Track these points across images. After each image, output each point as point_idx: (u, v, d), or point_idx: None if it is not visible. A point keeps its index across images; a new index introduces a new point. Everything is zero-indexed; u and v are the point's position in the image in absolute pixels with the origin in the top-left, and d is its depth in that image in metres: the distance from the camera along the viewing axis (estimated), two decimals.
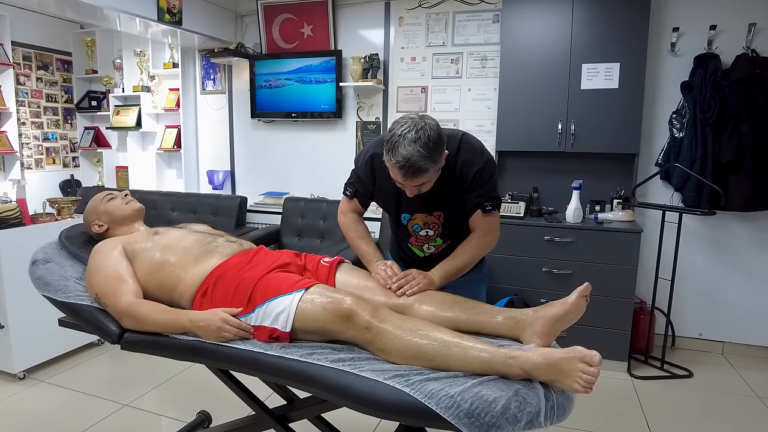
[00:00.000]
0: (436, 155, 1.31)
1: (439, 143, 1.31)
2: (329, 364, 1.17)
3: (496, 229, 1.54)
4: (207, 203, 3.92)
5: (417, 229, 1.60)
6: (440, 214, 1.55)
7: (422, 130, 1.28)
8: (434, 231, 1.59)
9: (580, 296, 1.23)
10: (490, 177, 1.48)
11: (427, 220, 1.57)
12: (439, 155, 1.33)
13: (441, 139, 1.32)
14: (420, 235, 1.62)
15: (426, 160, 1.29)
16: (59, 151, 4.70)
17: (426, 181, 1.36)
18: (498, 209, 1.52)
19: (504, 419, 1.01)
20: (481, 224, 1.51)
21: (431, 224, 1.57)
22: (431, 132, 1.29)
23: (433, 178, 1.38)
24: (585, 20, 2.91)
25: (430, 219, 1.56)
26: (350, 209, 1.69)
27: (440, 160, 1.34)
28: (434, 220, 1.56)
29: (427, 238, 1.61)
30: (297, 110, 3.85)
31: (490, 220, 1.51)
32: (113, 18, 3.29)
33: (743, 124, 2.76)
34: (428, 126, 1.30)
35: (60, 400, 2.49)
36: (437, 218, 1.55)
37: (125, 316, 1.39)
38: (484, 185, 1.47)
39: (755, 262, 3.06)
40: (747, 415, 2.46)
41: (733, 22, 2.91)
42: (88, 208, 1.73)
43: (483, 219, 1.50)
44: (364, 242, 1.64)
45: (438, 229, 1.58)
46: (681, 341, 3.25)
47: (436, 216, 1.55)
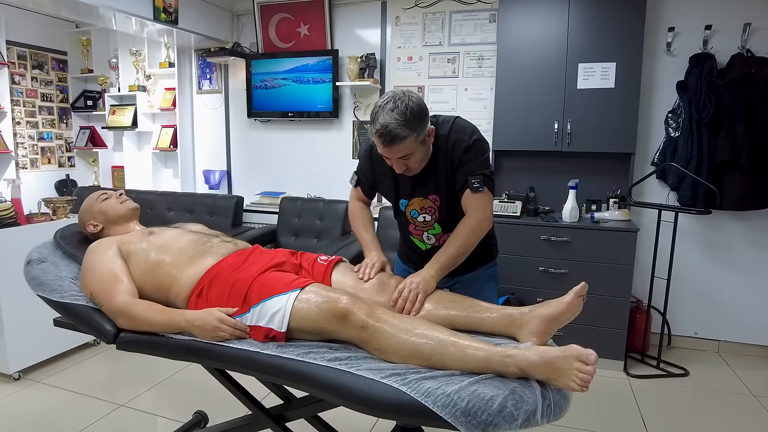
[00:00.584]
0: (414, 124, 1.34)
1: (419, 114, 1.34)
2: (326, 363, 1.17)
3: (486, 208, 1.47)
4: (203, 203, 3.91)
5: (415, 215, 1.60)
6: (435, 198, 1.53)
7: (400, 100, 1.33)
8: (431, 216, 1.57)
9: (577, 296, 1.23)
10: (479, 155, 1.46)
11: (423, 204, 1.56)
12: (418, 124, 1.35)
13: (422, 111, 1.36)
14: (418, 222, 1.61)
15: (402, 127, 1.32)
16: (54, 151, 4.68)
17: (408, 152, 1.39)
18: (489, 188, 1.47)
19: (501, 417, 1.01)
20: (470, 203, 1.47)
21: (428, 208, 1.56)
22: (410, 102, 1.34)
23: (416, 150, 1.40)
24: (581, 20, 2.92)
25: (425, 203, 1.56)
26: (356, 197, 1.75)
27: (420, 131, 1.36)
28: (430, 204, 1.55)
29: (425, 224, 1.60)
30: (294, 110, 3.85)
31: (479, 199, 1.46)
32: (109, 17, 3.28)
33: (738, 124, 2.77)
34: (408, 98, 1.35)
35: (55, 400, 2.47)
36: (433, 202, 1.54)
37: (121, 316, 1.39)
38: (472, 161, 1.45)
39: (750, 261, 3.08)
40: (742, 414, 2.47)
41: (729, 22, 2.92)
42: (82, 208, 1.73)
43: (471, 197, 1.46)
44: (364, 229, 1.68)
45: (435, 213, 1.56)
46: (677, 340, 3.26)
47: (432, 200, 1.54)
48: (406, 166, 1.45)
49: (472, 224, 1.47)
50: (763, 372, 2.91)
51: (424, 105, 1.39)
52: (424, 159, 1.48)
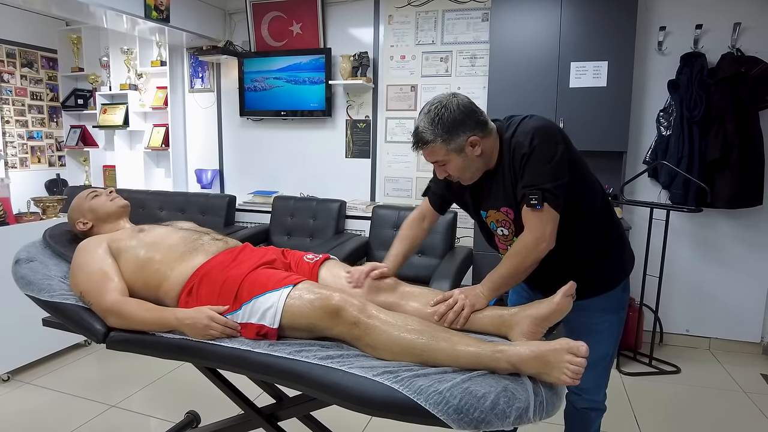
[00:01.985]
0: (440, 130, 1.27)
1: (451, 122, 1.27)
2: (317, 361, 1.16)
3: (544, 227, 1.28)
4: (195, 202, 3.89)
5: (494, 228, 1.46)
6: (507, 210, 1.39)
7: (439, 104, 1.29)
8: (508, 230, 1.42)
9: (565, 295, 1.22)
10: (540, 163, 1.27)
11: (498, 217, 1.42)
12: (445, 132, 1.27)
13: (456, 120, 1.28)
14: (499, 235, 1.47)
15: (428, 131, 1.28)
16: (44, 150, 4.63)
17: (439, 159, 1.32)
18: (551, 204, 1.26)
19: (493, 415, 1.01)
20: (527, 220, 1.30)
21: (503, 222, 1.42)
22: (447, 109, 1.28)
23: (449, 159, 1.32)
24: (573, 19, 2.93)
25: (499, 216, 1.42)
26: (420, 208, 1.61)
27: (448, 139, 1.28)
28: (503, 217, 1.41)
29: (505, 238, 1.45)
30: (286, 108, 3.83)
31: (536, 217, 1.27)
32: (99, 15, 3.25)
33: (728, 123, 2.79)
34: (449, 102, 1.29)
35: (45, 401, 2.45)
36: (506, 215, 1.40)
37: (111, 314, 1.38)
38: (530, 173, 1.28)
39: (740, 258, 3.10)
40: (733, 410, 2.49)
41: (719, 22, 2.94)
42: (72, 206, 1.71)
43: (529, 214, 1.29)
44: (396, 242, 1.56)
45: (510, 227, 1.40)
46: (669, 337, 3.28)
47: (504, 212, 1.40)
48: (446, 173, 1.37)
49: (527, 245, 1.30)
50: (753, 368, 2.94)
51: (467, 113, 1.29)
52: (470, 168, 1.35)
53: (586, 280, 1.34)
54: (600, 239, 1.42)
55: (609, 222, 1.44)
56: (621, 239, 1.49)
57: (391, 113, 3.67)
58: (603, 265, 1.44)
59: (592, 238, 1.41)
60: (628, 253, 1.53)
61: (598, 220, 1.41)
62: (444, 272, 2.69)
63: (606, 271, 1.45)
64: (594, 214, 1.40)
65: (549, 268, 1.36)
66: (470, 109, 1.31)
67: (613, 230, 1.46)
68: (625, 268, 1.49)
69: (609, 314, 1.48)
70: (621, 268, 1.49)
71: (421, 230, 1.58)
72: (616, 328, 1.51)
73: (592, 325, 1.46)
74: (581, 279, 1.28)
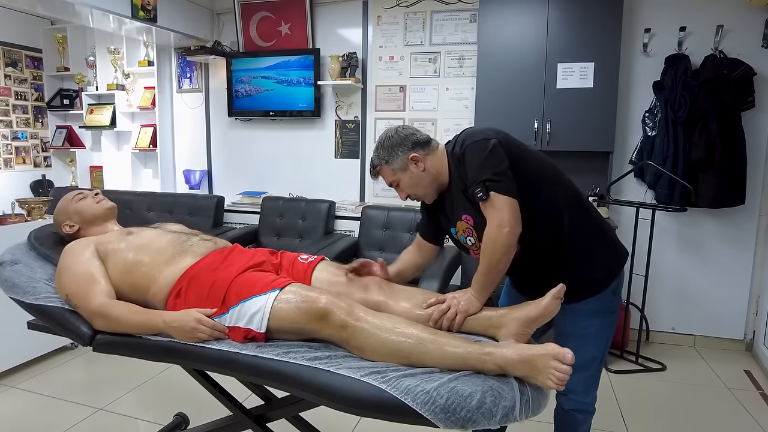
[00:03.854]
0: (383, 153, 1.45)
1: (389, 144, 1.44)
2: (305, 362, 1.16)
3: (498, 214, 1.28)
4: (183, 203, 3.87)
5: (463, 240, 1.48)
6: (467, 218, 1.41)
7: (382, 135, 1.48)
8: (473, 237, 1.43)
9: (554, 298, 1.23)
10: (474, 161, 1.33)
11: (462, 227, 1.45)
12: (387, 154, 1.44)
13: (394, 142, 1.44)
14: (469, 245, 1.47)
15: (374, 158, 1.47)
16: (30, 151, 4.58)
17: (392, 180, 1.47)
18: (498, 190, 1.28)
19: (479, 414, 1.02)
20: (485, 215, 1.31)
21: (466, 230, 1.44)
22: (385, 137, 1.46)
23: (399, 177, 1.45)
24: (560, 20, 2.95)
25: (462, 225, 1.44)
26: (414, 242, 1.65)
27: (390, 159, 1.44)
28: (466, 226, 1.43)
29: (476, 246, 1.45)
30: (275, 109, 3.83)
31: (488, 207, 1.29)
32: (85, 14, 3.21)
33: (712, 123, 2.84)
34: (389, 130, 1.48)
35: (31, 405, 2.42)
36: (467, 222, 1.42)
37: (98, 317, 1.37)
38: (470, 172, 1.33)
39: (723, 257, 3.15)
40: (717, 406, 2.53)
41: (702, 24, 2.99)
42: (57, 208, 1.69)
43: (484, 209, 1.31)
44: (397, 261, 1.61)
45: (473, 233, 1.42)
46: (655, 335, 3.32)
47: (465, 220, 1.42)
48: (403, 192, 1.48)
49: (490, 235, 1.30)
50: (736, 365, 2.98)
51: (405, 135, 1.44)
52: (421, 183, 1.44)
53: (575, 282, 1.32)
54: (574, 237, 1.38)
55: (584, 220, 1.42)
56: (605, 238, 1.45)
57: (380, 114, 3.68)
58: (588, 266, 1.41)
59: (561, 234, 1.37)
60: (619, 254, 1.49)
61: (563, 213, 1.38)
62: (433, 272, 2.70)
63: (593, 272, 1.42)
64: (556, 209, 1.37)
65: (529, 269, 1.37)
66: (409, 132, 1.46)
67: (592, 228, 1.43)
68: (612, 270, 1.45)
69: (598, 318, 1.45)
70: (608, 269, 1.45)
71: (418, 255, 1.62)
72: (605, 332, 1.49)
73: (581, 328, 1.44)
74: (567, 281, 1.27)
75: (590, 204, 1.49)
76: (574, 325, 1.43)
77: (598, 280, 1.43)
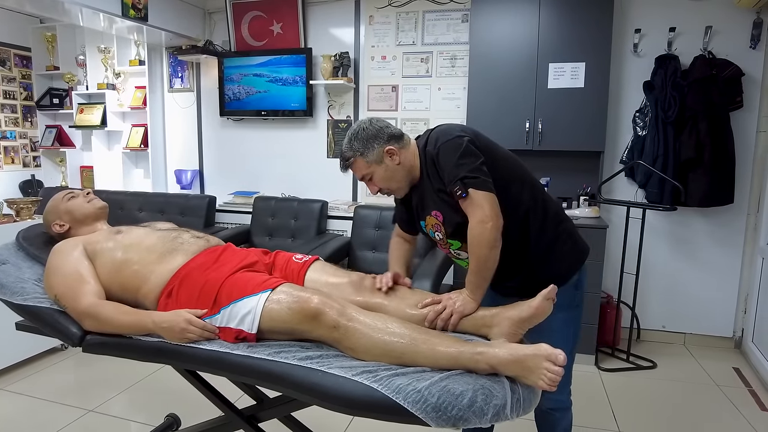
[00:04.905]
0: (357, 145, 1.41)
1: (364, 136, 1.41)
2: (297, 362, 1.16)
3: (479, 209, 1.30)
4: (175, 203, 3.85)
5: (432, 234, 1.50)
6: (437, 213, 1.43)
7: (356, 125, 1.44)
8: (441, 233, 1.46)
9: (545, 299, 1.23)
10: (449, 159, 1.34)
11: (431, 222, 1.47)
12: (362, 145, 1.41)
13: (369, 134, 1.41)
14: (437, 240, 1.50)
15: (347, 149, 1.43)
16: (18, 151, 4.53)
17: (365, 173, 1.44)
18: (475, 187, 1.30)
19: (471, 412, 1.02)
20: (465, 212, 1.33)
21: (435, 226, 1.46)
22: (359, 128, 1.42)
23: (372, 170, 1.43)
24: (551, 21, 2.97)
25: (431, 221, 1.46)
26: (395, 233, 1.68)
27: (365, 152, 1.41)
28: (435, 221, 1.45)
29: (443, 242, 1.49)
30: (267, 108, 3.81)
31: (468, 204, 1.31)
32: (75, 12, 3.18)
33: (701, 123, 2.86)
34: (365, 123, 1.43)
35: (20, 408, 2.40)
36: (436, 218, 1.44)
37: (87, 318, 1.35)
38: (446, 171, 1.35)
39: (713, 255, 3.18)
40: (707, 403, 2.56)
41: (691, 25, 3.02)
42: (47, 208, 1.67)
43: (463, 206, 1.33)
44: (393, 264, 1.59)
45: (441, 230, 1.44)
46: (645, 334, 3.35)
47: (434, 216, 1.44)
48: (375, 186, 1.47)
49: (473, 231, 1.32)
50: (725, 362, 3.02)
51: (380, 127, 1.42)
52: (395, 177, 1.44)
53: (537, 277, 1.37)
54: (540, 234, 1.43)
55: (549, 217, 1.45)
56: (565, 232, 1.48)
57: (372, 113, 3.67)
58: (551, 262, 1.45)
59: (528, 231, 1.42)
60: (580, 250, 1.52)
61: (530, 212, 1.42)
62: (425, 271, 2.70)
63: (555, 267, 1.45)
64: (524, 207, 1.41)
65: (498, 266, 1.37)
66: (383, 124, 1.44)
67: (552, 222, 1.46)
68: (572, 266, 1.49)
69: (561, 311, 1.42)
70: (569, 264, 1.48)
71: (408, 246, 1.65)
72: (571, 326, 1.52)
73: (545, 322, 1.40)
74: (531, 276, 1.34)
75: (554, 200, 1.53)
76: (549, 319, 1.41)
77: (560, 275, 1.45)
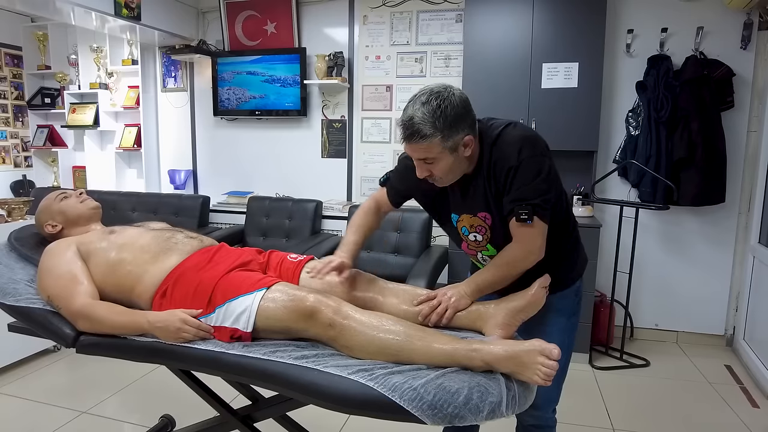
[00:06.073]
0: (442, 125, 1.17)
1: (453, 117, 1.18)
2: (292, 361, 1.16)
3: (533, 241, 1.26)
4: (169, 203, 3.83)
5: (465, 233, 1.41)
6: (486, 216, 1.34)
7: (437, 95, 1.18)
8: (482, 236, 1.37)
9: (540, 287, 1.26)
10: (528, 178, 1.22)
11: (473, 222, 1.37)
12: (447, 128, 1.18)
13: (459, 115, 1.19)
14: (470, 241, 1.42)
15: (427, 124, 1.16)
16: (9, 151, 4.49)
17: (430, 156, 1.22)
18: (541, 217, 1.24)
19: (466, 410, 1.02)
20: (516, 233, 1.27)
21: (478, 227, 1.37)
22: (447, 102, 1.18)
23: (441, 157, 1.22)
24: (545, 21, 2.98)
25: (475, 221, 1.36)
26: (374, 197, 1.53)
27: (449, 135, 1.19)
28: (480, 223, 1.36)
29: (477, 244, 1.41)
30: (261, 108, 3.80)
31: (525, 232, 1.25)
32: (66, 11, 3.16)
33: (693, 123, 2.89)
34: (448, 94, 1.19)
35: (12, 410, 2.38)
36: (483, 220, 1.35)
37: (81, 318, 1.35)
38: (519, 188, 1.23)
39: (704, 254, 3.21)
40: (699, 400, 2.58)
41: (683, 26, 3.04)
42: (40, 208, 1.66)
43: (518, 228, 1.26)
44: (352, 231, 1.48)
45: (486, 233, 1.36)
46: (639, 332, 3.37)
47: (482, 218, 1.34)
48: (429, 172, 1.27)
49: (517, 257, 1.29)
50: (717, 360, 3.04)
51: (467, 108, 1.22)
52: (455, 170, 1.28)
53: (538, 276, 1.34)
54: (563, 241, 1.41)
55: (569, 224, 1.44)
56: (578, 240, 1.49)
57: (366, 113, 3.67)
58: (562, 266, 1.42)
59: (557, 241, 1.37)
60: (583, 255, 1.52)
61: (563, 224, 1.40)
62: (420, 271, 2.71)
63: (564, 270, 1.44)
64: (561, 219, 1.39)
65: None
66: (469, 104, 1.23)
67: (573, 231, 1.46)
68: (579, 270, 1.50)
69: (561, 316, 1.45)
70: (576, 269, 1.49)
71: (376, 220, 1.53)
72: (567, 334, 1.48)
73: (543, 325, 1.41)
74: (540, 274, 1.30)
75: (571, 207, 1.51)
76: (540, 318, 1.38)
77: (566, 281, 1.45)
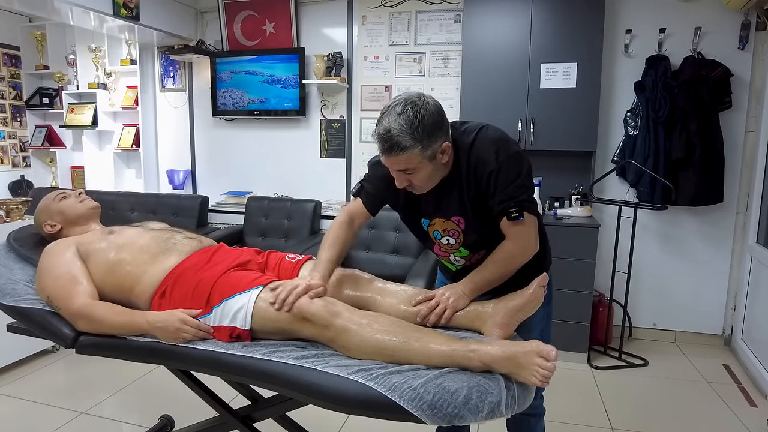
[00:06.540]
0: (421, 135, 1.17)
1: (430, 125, 1.18)
2: (292, 361, 1.16)
3: (528, 236, 1.31)
4: (167, 203, 3.83)
5: (438, 237, 1.42)
6: (459, 220, 1.35)
7: (412, 105, 1.17)
8: (455, 239, 1.39)
9: (539, 286, 1.26)
10: (511, 177, 1.25)
11: (446, 226, 1.38)
12: (426, 137, 1.18)
13: (435, 123, 1.19)
14: (442, 244, 1.43)
15: (405, 135, 1.16)
16: (8, 151, 4.48)
17: (410, 167, 1.22)
18: (530, 212, 1.28)
19: (466, 409, 1.02)
20: (510, 232, 1.30)
21: (451, 231, 1.38)
22: (424, 111, 1.17)
23: (420, 167, 1.22)
24: (544, 21, 2.99)
25: (448, 225, 1.37)
26: (348, 209, 1.48)
27: (428, 144, 1.19)
28: (453, 227, 1.37)
29: (450, 247, 1.42)
30: (260, 108, 3.80)
31: (519, 229, 1.29)
32: (65, 11, 3.15)
33: (691, 123, 2.89)
34: (423, 103, 1.18)
35: (11, 410, 2.37)
36: (456, 224, 1.36)
37: (80, 318, 1.35)
38: (504, 189, 1.25)
39: (702, 254, 3.22)
40: (697, 400, 2.59)
41: (681, 26, 3.05)
42: (39, 208, 1.66)
43: (511, 227, 1.29)
44: (327, 247, 1.41)
45: (459, 236, 1.38)
46: (637, 332, 3.38)
47: (455, 221, 1.36)
48: (408, 182, 1.27)
49: (513, 252, 1.32)
50: (715, 359, 3.05)
51: (442, 115, 1.22)
52: (434, 177, 1.28)
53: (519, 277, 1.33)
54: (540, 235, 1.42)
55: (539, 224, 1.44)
56: (544, 230, 1.48)
57: (365, 113, 3.68)
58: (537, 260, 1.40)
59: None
60: (549, 245, 1.53)
61: None
62: (419, 271, 2.71)
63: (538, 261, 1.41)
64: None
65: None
66: (443, 110, 1.24)
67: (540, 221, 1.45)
68: (549, 258, 1.52)
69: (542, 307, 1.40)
70: (547, 257, 1.50)
71: (352, 233, 1.47)
72: (545, 322, 1.52)
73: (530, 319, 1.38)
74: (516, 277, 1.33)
75: None
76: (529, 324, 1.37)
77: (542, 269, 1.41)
